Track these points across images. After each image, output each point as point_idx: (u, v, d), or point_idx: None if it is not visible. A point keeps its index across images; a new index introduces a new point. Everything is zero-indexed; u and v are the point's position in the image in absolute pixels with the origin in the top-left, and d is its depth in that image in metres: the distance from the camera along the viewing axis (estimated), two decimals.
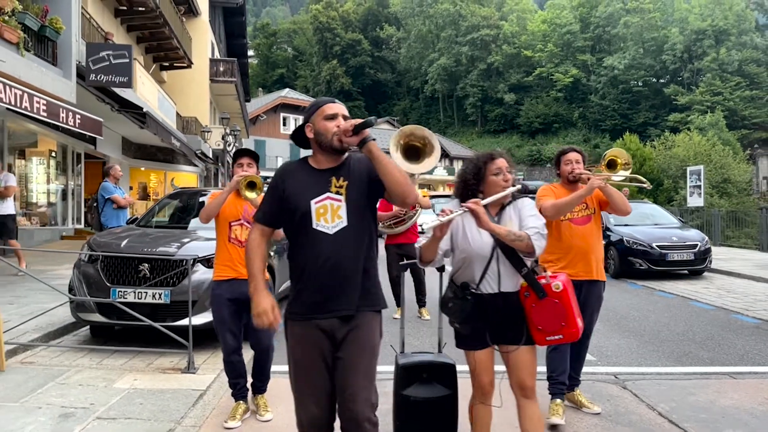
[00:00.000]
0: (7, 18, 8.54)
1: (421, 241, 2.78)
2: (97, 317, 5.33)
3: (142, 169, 21.98)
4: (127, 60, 10.88)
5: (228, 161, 26.29)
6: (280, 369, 4.34)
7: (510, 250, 2.70)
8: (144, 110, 12.07)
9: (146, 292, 5.17)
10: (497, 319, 2.76)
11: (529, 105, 65.73)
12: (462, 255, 2.78)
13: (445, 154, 56.99)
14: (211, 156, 24.91)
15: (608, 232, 11.71)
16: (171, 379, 4.58)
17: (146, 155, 20.87)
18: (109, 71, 10.78)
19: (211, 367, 4.94)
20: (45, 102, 8.50)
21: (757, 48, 58.69)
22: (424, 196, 6.95)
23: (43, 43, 9.78)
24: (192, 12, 24.31)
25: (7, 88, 7.65)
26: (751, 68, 57.05)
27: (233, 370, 3.79)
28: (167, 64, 22.29)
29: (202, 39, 25.19)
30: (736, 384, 4.70)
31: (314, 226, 2.32)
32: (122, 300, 5.13)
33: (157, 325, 4.92)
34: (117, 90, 11.61)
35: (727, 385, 4.67)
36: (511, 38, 68.66)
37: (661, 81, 63.98)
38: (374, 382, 2.39)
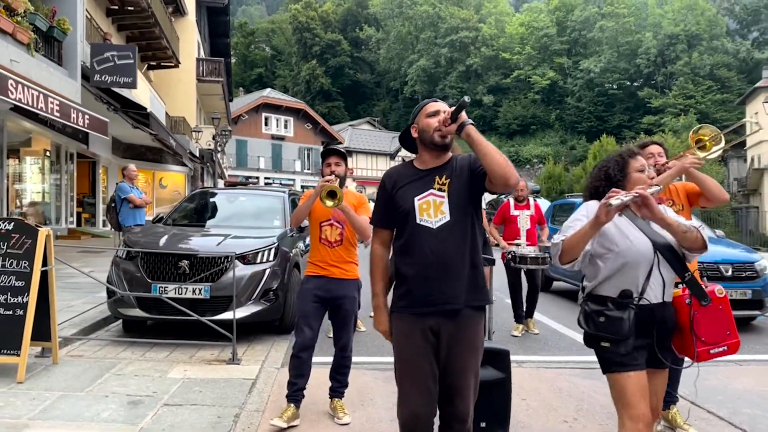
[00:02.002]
0: (19, 19, 8.61)
1: (567, 232, 2.45)
2: (138, 312, 5.52)
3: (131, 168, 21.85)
4: (132, 61, 10.98)
5: (217, 160, 26.28)
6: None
7: (672, 253, 2.42)
8: (147, 110, 12.14)
9: (187, 288, 5.38)
10: (661, 334, 2.46)
11: (508, 107, 66.61)
12: (620, 259, 2.40)
13: None
14: (198, 156, 24.86)
15: None
16: (219, 369, 4.81)
17: (135, 155, 20.79)
18: (114, 72, 10.86)
19: (251, 358, 5.18)
20: (58, 102, 8.59)
21: (728, 52, 60.37)
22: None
23: (50, 43, 9.83)
24: (179, 11, 24.27)
25: (25, 88, 7.74)
26: (722, 72, 58.65)
27: (298, 366, 3.74)
28: (155, 63, 22.21)
29: (189, 39, 25.13)
30: (742, 370, 5.11)
31: (418, 221, 2.39)
32: (159, 295, 5.33)
33: (204, 319, 5.13)
34: (116, 90, 11.69)
35: (735, 371, 5.07)
36: (489, 40, 69.44)
37: (636, 84, 65.31)
38: (478, 380, 2.47)
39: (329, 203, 3.41)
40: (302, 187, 42.70)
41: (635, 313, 2.36)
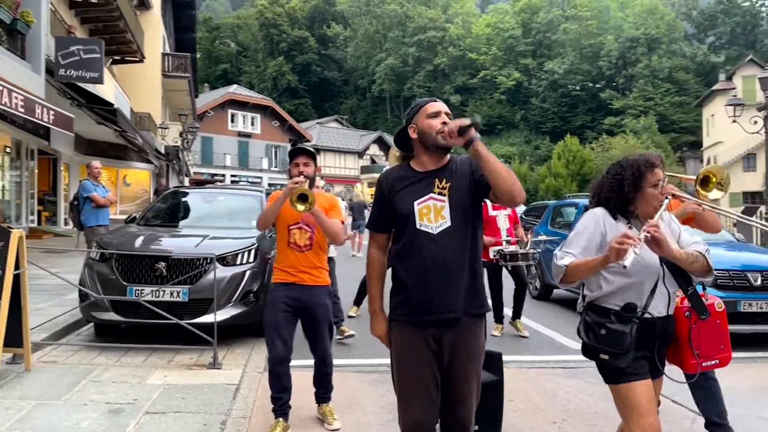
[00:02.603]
0: None
1: (571, 249, 2.44)
2: (112, 316, 5.35)
3: None
4: (98, 55, 10.66)
5: (182, 157, 25.78)
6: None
7: (677, 268, 2.40)
8: (114, 106, 11.80)
9: (164, 291, 5.23)
10: (660, 345, 2.44)
11: (474, 106, 67.23)
12: (629, 278, 2.36)
13: None
14: (164, 153, 24.34)
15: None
16: (200, 374, 4.69)
17: (98, 152, 20.20)
18: (80, 66, 10.52)
19: (233, 362, 5.07)
20: (23, 98, 8.27)
21: (686, 56, 62.27)
22: (372, 195, 6.93)
23: (13, 37, 9.46)
24: (144, 5, 23.68)
25: None
26: (680, 75, 60.45)
27: (278, 382, 3.59)
28: (119, 58, 21.62)
29: (155, 33, 24.56)
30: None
31: (418, 226, 2.33)
32: (137, 299, 5.18)
33: (183, 323, 5.00)
34: (81, 85, 11.32)
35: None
36: (456, 41, 70.01)
37: (598, 86, 66.78)
38: (479, 389, 2.44)
39: (300, 207, 3.24)
40: (270, 185, 42.23)
41: (637, 327, 2.32)
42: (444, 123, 2.36)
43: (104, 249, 5.56)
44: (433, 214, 2.34)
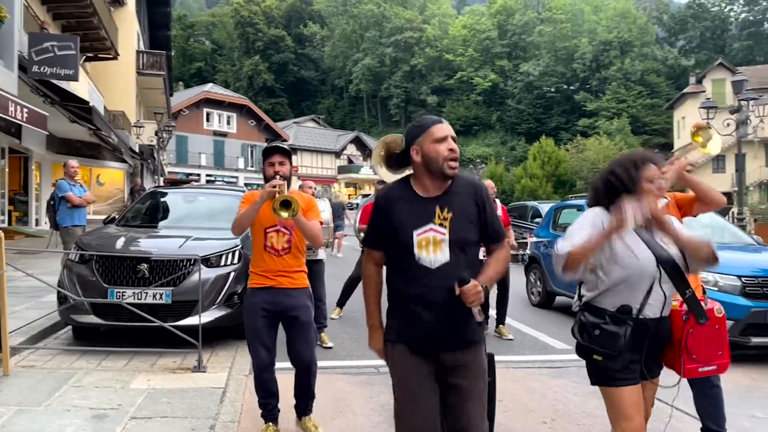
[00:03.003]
0: None
1: (572, 240, 2.37)
2: (93, 318, 5.21)
3: None
4: (74, 52, 10.42)
5: (157, 156, 25.40)
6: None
7: (674, 269, 2.36)
8: (90, 104, 11.56)
9: (147, 293, 5.13)
10: (654, 349, 2.43)
11: (451, 107, 67.61)
12: (623, 272, 2.34)
13: (371, 153, 57.51)
14: (138, 152, 23.95)
15: None
16: (185, 378, 4.60)
17: (71, 150, 19.76)
18: (54, 63, 10.27)
19: (217, 365, 4.99)
20: None
21: (657, 59, 63.48)
22: (350, 196, 6.80)
23: None
24: (118, 1, 23.27)
25: None
26: (651, 78, 61.61)
27: (264, 389, 3.51)
28: (92, 54, 21.20)
29: (129, 30, 24.15)
30: None
31: (416, 259, 2.24)
32: (120, 301, 5.06)
33: (167, 325, 4.90)
34: (54, 82, 11.06)
35: None
36: (433, 41, 70.32)
37: (572, 88, 67.71)
38: (485, 408, 2.37)
39: (284, 215, 3.04)
40: (246, 184, 41.84)
41: (632, 329, 2.31)
42: (451, 150, 2.26)
43: (84, 250, 5.42)
44: (432, 246, 2.24)
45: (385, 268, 2.45)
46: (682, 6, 71.49)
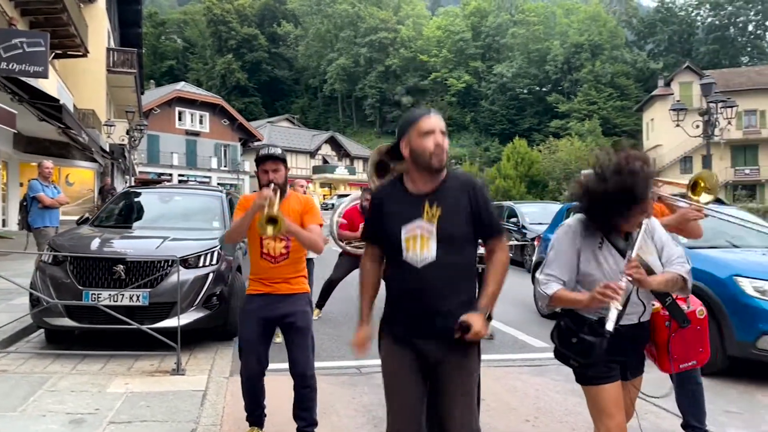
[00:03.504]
0: None
1: (551, 270, 2.38)
2: (67, 321, 5.10)
3: (34, 164, 20.25)
4: (43, 48, 10.17)
5: (128, 156, 24.95)
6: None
7: None
8: (60, 102, 11.28)
9: (123, 294, 5.03)
10: (633, 351, 2.46)
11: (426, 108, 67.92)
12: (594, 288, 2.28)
13: (346, 154, 57.42)
14: (108, 151, 23.47)
15: (524, 230, 12.66)
16: (163, 381, 4.52)
17: (39, 150, 19.26)
18: (23, 60, 10.00)
19: (196, 368, 4.92)
20: None
21: (627, 62, 64.71)
22: (325, 196, 6.64)
23: None
24: None
25: None
26: (621, 80, 62.76)
27: (252, 394, 3.43)
28: (61, 52, 20.71)
29: (99, 27, 23.65)
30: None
31: (404, 257, 2.23)
32: (95, 303, 4.95)
33: (145, 327, 4.81)
34: (22, 79, 10.76)
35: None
36: (408, 42, 70.54)
37: (544, 89, 68.61)
38: (475, 407, 2.38)
39: (269, 231, 2.85)
40: (219, 184, 41.33)
41: (608, 340, 2.28)
42: (438, 144, 2.21)
43: (57, 251, 5.29)
44: (419, 243, 2.21)
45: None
46: (651, 10, 72.98)
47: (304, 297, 3.37)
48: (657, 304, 2.51)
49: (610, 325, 2.14)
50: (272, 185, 3.13)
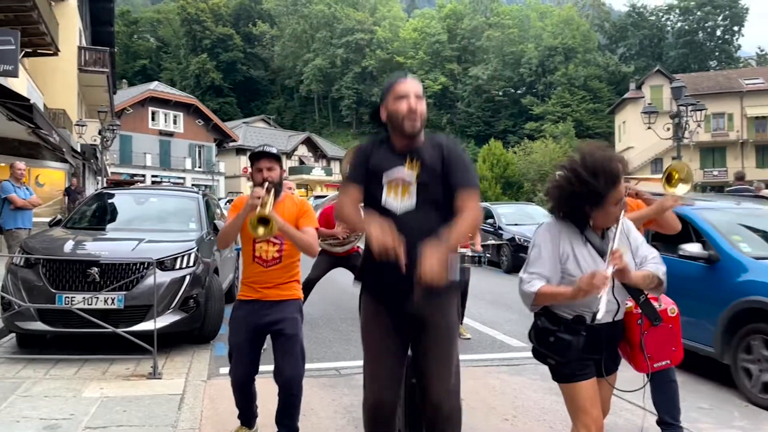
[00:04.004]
0: None
1: (536, 269, 2.37)
2: (39, 325, 5.00)
3: (2, 164, 19.77)
4: (14, 47, 9.99)
5: (100, 157, 24.52)
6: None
7: None
8: (31, 101, 11.03)
9: (98, 297, 4.95)
10: (608, 349, 2.50)
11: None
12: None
13: (322, 155, 57.23)
14: (80, 151, 23.03)
15: (500, 231, 12.81)
16: (139, 385, 4.46)
17: (7, 150, 18.78)
18: None
19: (173, 371, 4.87)
20: None
21: (599, 65, 65.72)
22: (302, 196, 6.67)
23: None
24: None
25: None
26: (594, 84, 63.70)
27: (243, 399, 3.40)
28: (31, 50, 20.26)
29: (70, 25, 23.20)
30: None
31: (383, 203, 2.31)
32: (69, 306, 4.86)
33: (120, 331, 4.74)
34: None
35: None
36: (384, 44, 70.59)
37: (519, 92, 69.27)
38: (452, 366, 2.44)
39: (261, 232, 2.78)
40: (194, 185, 40.85)
41: (584, 338, 2.35)
42: (410, 108, 2.28)
43: (29, 254, 5.18)
44: (400, 191, 2.31)
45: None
46: (622, 14, 74.23)
47: (294, 304, 3.29)
48: (630, 304, 2.55)
49: (601, 314, 2.18)
50: (267, 184, 3.06)
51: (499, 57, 67.81)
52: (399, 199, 2.27)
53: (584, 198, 2.29)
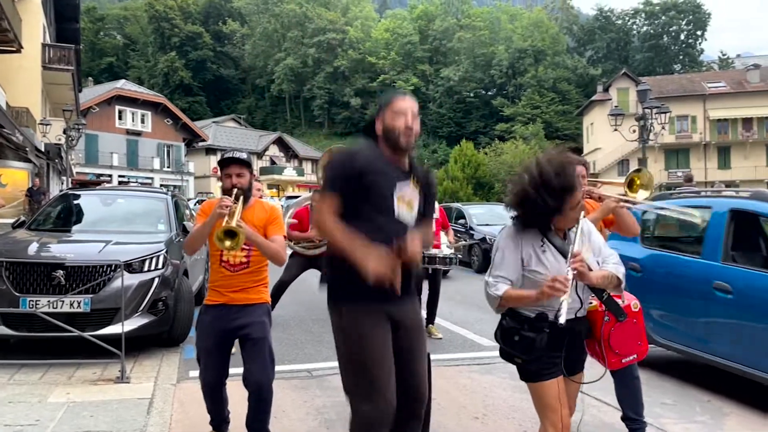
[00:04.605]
0: None
1: (500, 272, 2.44)
2: (3, 330, 4.88)
3: None
4: None
5: (65, 156, 23.98)
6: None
7: None
8: None
9: (63, 301, 4.85)
10: (573, 347, 2.56)
11: (374, 110, 67.64)
12: (539, 286, 2.36)
13: (294, 155, 56.90)
14: (44, 151, 22.47)
15: (472, 231, 12.93)
16: (107, 389, 4.39)
17: None
18: None
19: (142, 375, 4.80)
20: None
21: (568, 68, 66.76)
22: (272, 197, 6.54)
23: None
24: None
25: None
26: (563, 86, 64.68)
27: (214, 402, 3.36)
28: None
29: (34, 22, 22.63)
30: None
31: (396, 212, 2.39)
32: (33, 310, 4.75)
33: (87, 335, 4.65)
34: None
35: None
36: (356, 44, 70.52)
37: (490, 93, 69.91)
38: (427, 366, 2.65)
39: (227, 245, 2.78)
40: (162, 185, 40.20)
41: (548, 335, 2.41)
42: (408, 126, 2.40)
43: None
44: (408, 205, 2.45)
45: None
46: (590, 18, 75.55)
47: (262, 307, 3.24)
48: (594, 302, 2.64)
49: (562, 318, 2.24)
50: (236, 191, 3.05)
51: (470, 58, 68.34)
52: (407, 212, 2.43)
53: (543, 208, 2.37)
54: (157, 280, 5.31)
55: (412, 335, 2.49)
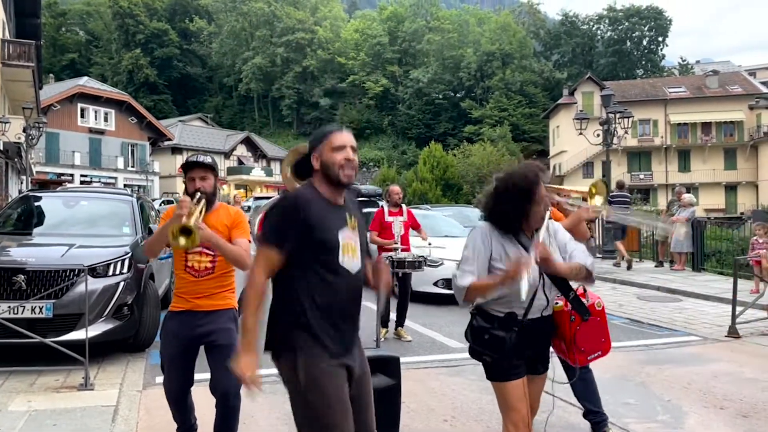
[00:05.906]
0: None
1: (469, 267, 2.56)
2: None
3: None
4: None
5: (25, 155, 23.30)
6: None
7: (558, 277, 2.59)
8: None
9: (24, 306, 4.73)
10: (538, 346, 2.68)
11: (344, 110, 67.90)
12: (512, 284, 2.43)
13: (262, 155, 56.39)
14: (2, 150, 21.81)
15: None
16: (70, 397, 4.30)
17: None
18: None
19: (106, 382, 4.71)
20: None
21: (534, 71, 67.77)
22: (241, 197, 6.41)
23: None
24: None
25: None
26: (530, 89, 65.63)
27: (180, 411, 3.29)
28: None
29: None
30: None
31: (340, 262, 2.24)
32: None
33: (49, 341, 4.54)
34: None
35: None
36: (325, 44, 70.23)
37: (458, 95, 70.44)
38: None
39: (182, 242, 2.73)
40: (126, 185, 39.38)
41: (516, 333, 2.52)
42: (348, 159, 2.26)
43: None
44: (351, 251, 2.29)
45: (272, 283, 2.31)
46: (556, 23, 76.85)
47: (228, 313, 3.19)
48: (560, 303, 2.74)
49: (523, 294, 2.37)
50: (198, 194, 3.01)
51: (439, 60, 68.79)
52: (352, 260, 2.28)
53: (511, 213, 2.56)
54: (122, 284, 5.22)
55: (363, 386, 2.37)
